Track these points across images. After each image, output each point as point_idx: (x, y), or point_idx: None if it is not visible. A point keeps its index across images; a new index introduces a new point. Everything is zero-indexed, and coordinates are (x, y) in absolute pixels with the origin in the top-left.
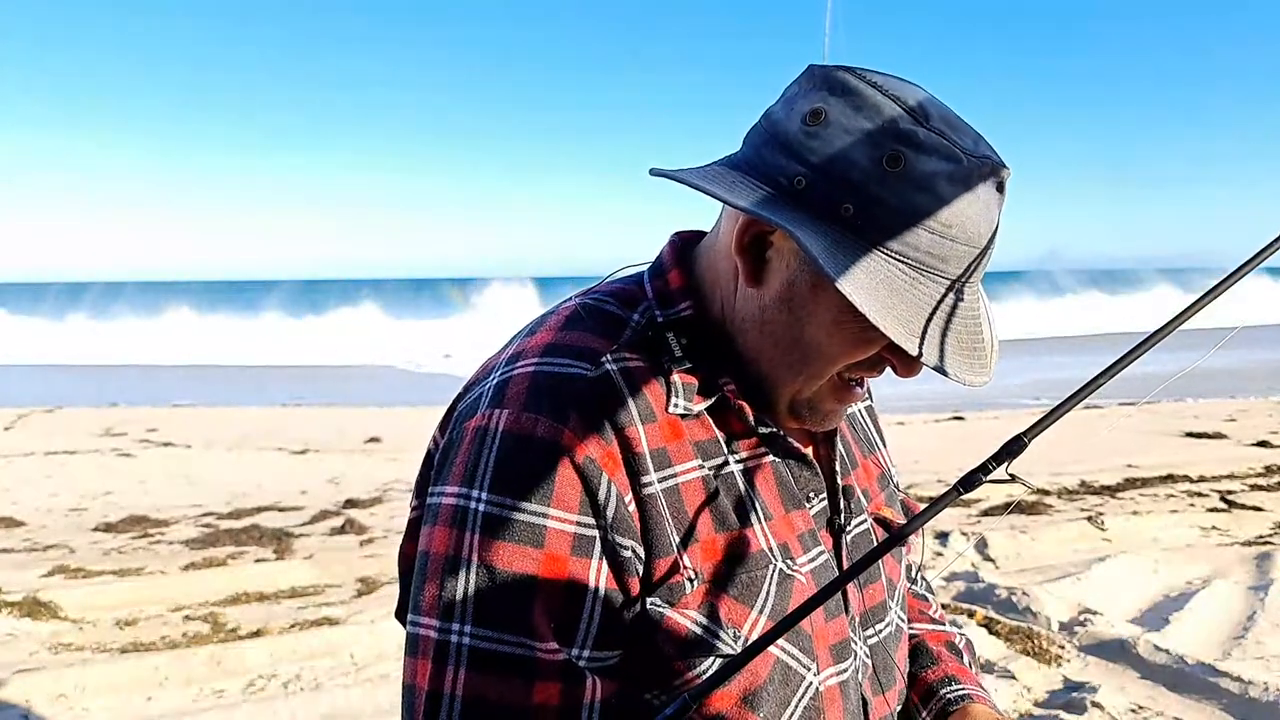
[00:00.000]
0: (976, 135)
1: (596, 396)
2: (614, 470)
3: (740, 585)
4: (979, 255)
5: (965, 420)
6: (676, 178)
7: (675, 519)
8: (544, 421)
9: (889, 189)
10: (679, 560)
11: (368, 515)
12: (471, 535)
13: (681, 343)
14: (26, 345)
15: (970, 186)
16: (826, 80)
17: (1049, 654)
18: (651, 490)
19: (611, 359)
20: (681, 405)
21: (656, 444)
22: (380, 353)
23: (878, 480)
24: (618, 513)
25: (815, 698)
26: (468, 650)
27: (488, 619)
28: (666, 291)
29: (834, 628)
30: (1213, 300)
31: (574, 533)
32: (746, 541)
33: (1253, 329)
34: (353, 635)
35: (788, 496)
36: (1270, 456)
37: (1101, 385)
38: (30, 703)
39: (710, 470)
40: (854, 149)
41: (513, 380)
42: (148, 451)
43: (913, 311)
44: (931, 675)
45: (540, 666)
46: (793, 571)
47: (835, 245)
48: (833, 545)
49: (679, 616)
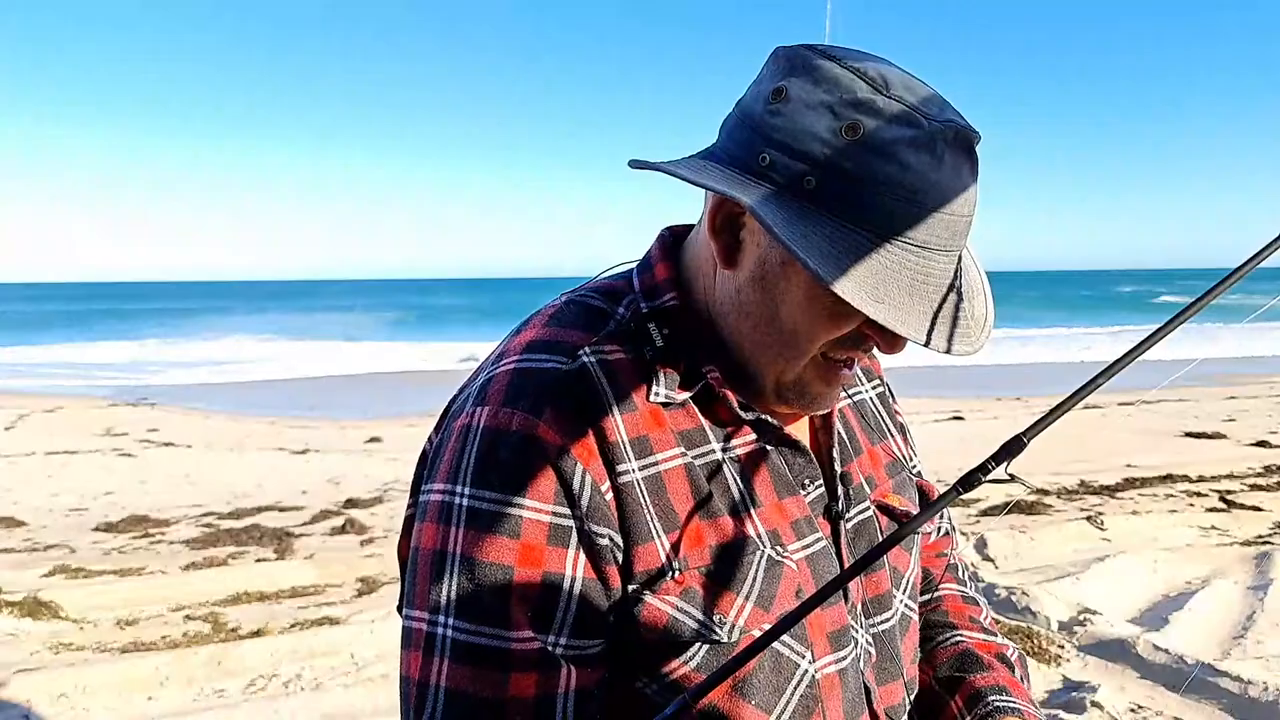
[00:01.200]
0: (942, 101)
1: (571, 389)
2: (588, 460)
3: (725, 571)
4: (952, 222)
5: (965, 420)
6: (651, 166)
7: (657, 506)
8: (519, 416)
9: (849, 158)
10: (659, 547)
11: (368, 515)
12: (455, 530)
13: (664, 332)
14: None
15: (935, 152)
16: (789, 59)
17: (1049, 654)
18: (629, 478)
19: (590, 351)
20: (663, 394)
21: (636, 432)
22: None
23: (886, 467)
24: (593, 501)
25: (812, 685)
26: (450, 642)
27: (468, 611)
28: (653, 284)
29: (831, 615)
30: (1213, 300)
31: (549, 522)
32: (733, 528)
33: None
34: (353, 635)
35: (780, 483)
36: (1270, 456)
37: (1101, 385)
38: (31, 702)
39: (695, 458)
40: (814, 122)
41: (495, 378)
42: (148, 451)
43: (880, 279)
44: (981, 681)
45: (515, 658)
46: (781, 558)
47: (797, 217)
48: (831, 532)
49: (660, 603)
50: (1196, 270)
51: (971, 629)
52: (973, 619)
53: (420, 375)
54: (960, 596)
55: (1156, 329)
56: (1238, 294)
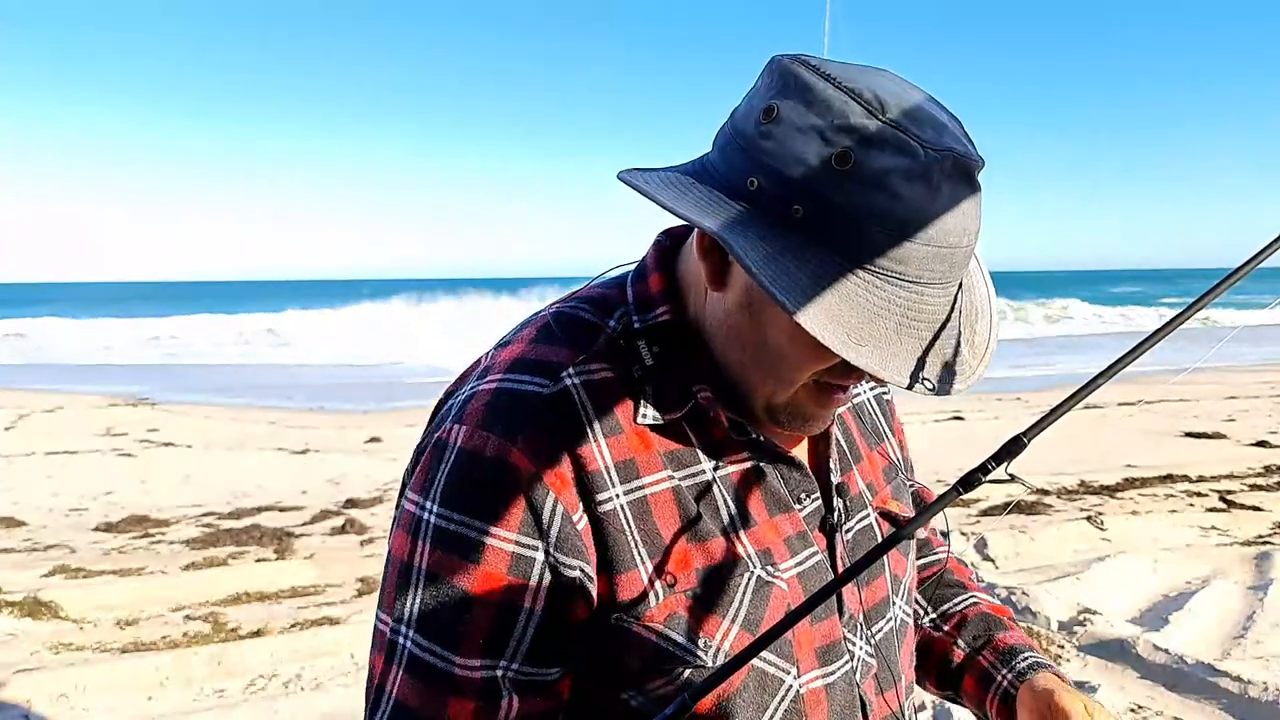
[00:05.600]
0: (941, 125)
1: (550, 414)
2: (561, 489)
3: (711, 594)
4: (947, 255)
5: (965, 420)
6: (633, 184)
7: (642, 531)
8: (494, 440)
9: (839, 189)
10: (642, 574)
11: (368, 515)
12: (422, 544)
13: (654, 350)
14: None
15: (931, 182)
16: (782, 74)
17: (1048, 653)
18: (612, 505)
19: (574, 372)
20: (650, 415)
21: (622, 456)
22: None
23: (884, 472)
24: (563, 532)
25: (796, 700)
26: (407, 654)
27: (424, 628)
28: (646, 296)
29: (821, 630)
30: (1213, 300)
31: (512, 552)
32: (721, 549)
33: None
34: (353, 635)
35: (773, 501)
36: (1270, 456)
37: (1101, 385)
38: (31, 703)
39: (683, 480)
40: (803, 147)
41: (476, 396)
42: (148, 451)
43: (865, 317)
44: (1011, 638)
45: (457, 682)
46: (772, 578)
47: (782, 251)
48: (826, 545)
49: (644, 631)
50: (1194, 270)
51: (980, 590)
52: (976, 579)
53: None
54: (956, 559)
55: (1156, 329)
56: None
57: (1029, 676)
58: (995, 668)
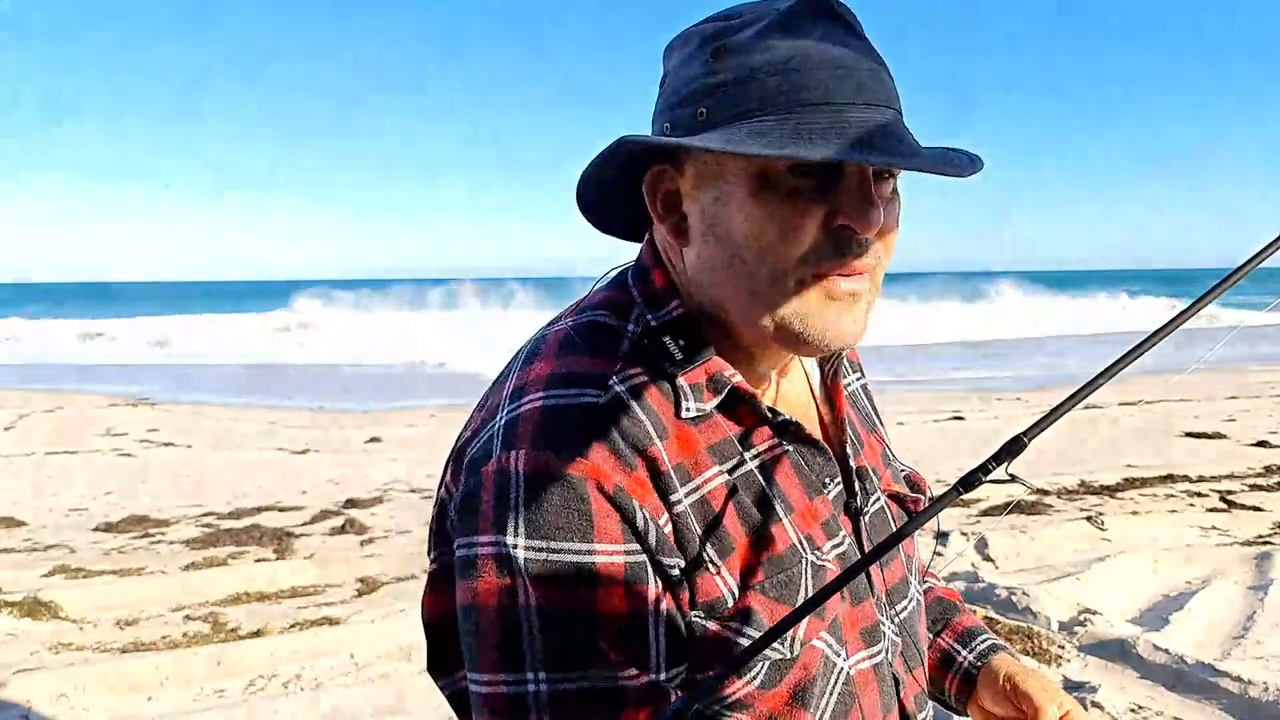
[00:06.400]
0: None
1: (611, 422)
2: (644, 496)
3: (778, 586)
4: (846, 75)
5: (965, 420)
6: (581, 180)
7: (707, 531)
8: (561, 457)
9: (723, 71)
10: (716, 573)
11: (368, 515)
12: (521, 582)
13: (679, 344)
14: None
15: (799, 28)
16: (667, 47)
17: (1049, 654)
18: (681, 508)
19: (617, 379)
20: (694, 408)
21: (677, 458)
22: None
23: (882, 457)
24: (658, 535)
25: (848, 683)
26: (548, 696)
27: (561, 663)
28: (653, 293)
29: (862, 612)
30: (1213, 300)
31: (624, 562)
32: (776, 539)
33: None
34: (353, 635)
35: (807, 485)
36: (1270, 456)
37: (1101, 385)
38: (31, 703)
39: (729, 473)
40: (688, 70)
41: (521, 418)
42: (148, 451)
43: (798, 133)
44: (968, 621)
45: (628, 694)
46: (822, 561)
47: (720, 137)
48: (852, 529)
49: (723, 629)
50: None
51: (933, 576)
52: (930, 568)
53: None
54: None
55: (1156, 330)
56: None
57: (989, 658)
58: (955, 650)
